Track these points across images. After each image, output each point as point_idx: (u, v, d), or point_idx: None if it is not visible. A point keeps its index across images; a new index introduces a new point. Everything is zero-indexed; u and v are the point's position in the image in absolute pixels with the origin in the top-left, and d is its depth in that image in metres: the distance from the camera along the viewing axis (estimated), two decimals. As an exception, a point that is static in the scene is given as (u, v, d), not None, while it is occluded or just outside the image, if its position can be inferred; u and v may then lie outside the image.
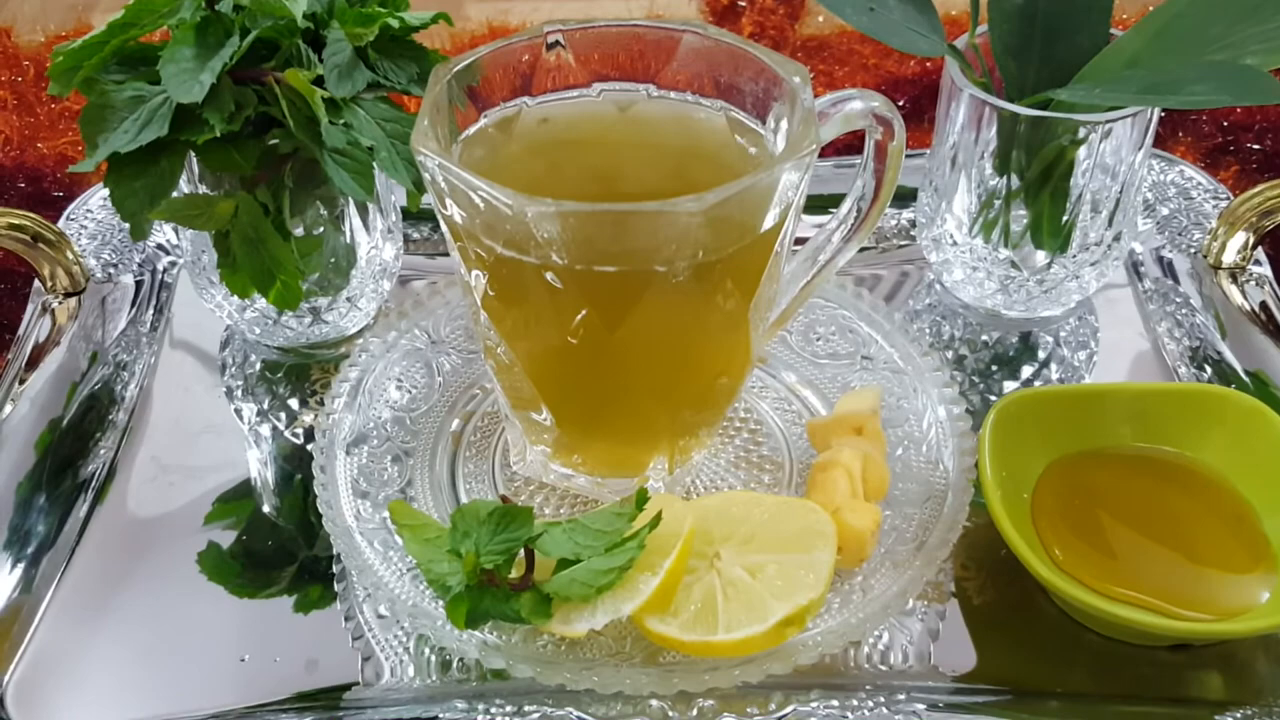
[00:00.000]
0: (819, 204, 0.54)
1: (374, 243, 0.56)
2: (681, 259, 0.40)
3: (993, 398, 0.56)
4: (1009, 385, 0.57)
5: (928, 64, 0.77)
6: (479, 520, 0.42)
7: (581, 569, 0.41)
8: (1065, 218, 0.55)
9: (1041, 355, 0.58)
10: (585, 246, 0.39)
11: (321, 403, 0.51)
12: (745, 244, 0.41)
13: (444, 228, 0.43)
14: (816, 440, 0.50)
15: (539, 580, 0.42)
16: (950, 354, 0.58)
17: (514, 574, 0.42)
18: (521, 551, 0.42)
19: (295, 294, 0.50)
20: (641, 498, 0.43)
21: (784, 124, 0.43)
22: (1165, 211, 0.65)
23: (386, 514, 0.46)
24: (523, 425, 0.48)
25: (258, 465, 0.54)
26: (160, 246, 0.64)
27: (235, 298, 0.52)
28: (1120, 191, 0.54)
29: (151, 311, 0.61)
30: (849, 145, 0.69)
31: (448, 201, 0.41)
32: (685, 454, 0.49)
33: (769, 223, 0.41)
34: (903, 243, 0.64)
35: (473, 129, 0.45)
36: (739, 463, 0.51)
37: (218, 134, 0.46)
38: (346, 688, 0.44)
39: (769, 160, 0.44)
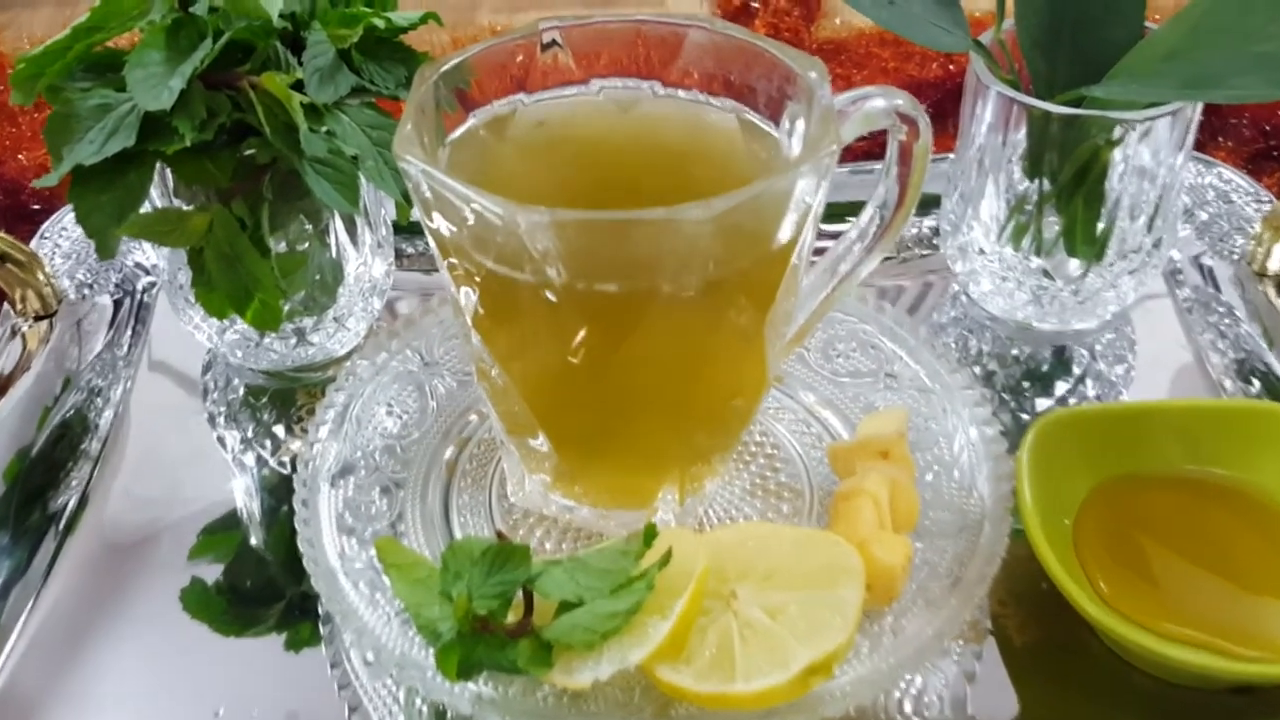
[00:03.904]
0: (835, 211, 0.51)
1: (362, 259, 0.53)
2: (690, 272, 0.36)
3: (1025, 417, 0.52)
4: (1042, 403, 0.53)
5: (950, 67, 0.74)
6: (472, 559, 0.39)
7: (584, 613, 0.37)
8: (1101, 223, 0.51)
9: (1076, 371, 0.54)
10: (584, 260, 0.36)
11: (307, 430, 0.48)
12: (759, 256, 0.38)
13: (431, 242, 0.39)
14: (839, 466, 0.46)
15: (538, 625, 0.38)
16: (978, 370, 0.54)
17: (511, 619, 0.38)
18: (519, 593, 0.39)
19: (275, 314, 0.46)
20: (650, 533, 0.39)
21: (800, 124, 0.40)
22: (1204, 216, 0.61)
23: (373, 552, 0.43)
24: (519, 452, 0.45)
25: (241, 497, 0.51)
26: (139, 266, 0.61)
27: (214, 319, 0.49)
28: (1160, 195, 0.51)
29: (129, 334, 0.58)
30: (867, 151, 0.66)
31: (434, 213, 0.37)
32: (697, 482, 0.45)
33: (785, 232, 0.37)
34: (924, 252, 0.61)
35: (460, 131, 0.41)
36: (755, 491, 0.48)
37: (188, 143, 0.43)
38: (331, 743, 0.41)
39: (784, 164, 0.40)
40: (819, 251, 0.44)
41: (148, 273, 0.61)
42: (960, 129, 0.54)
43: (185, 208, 0.46)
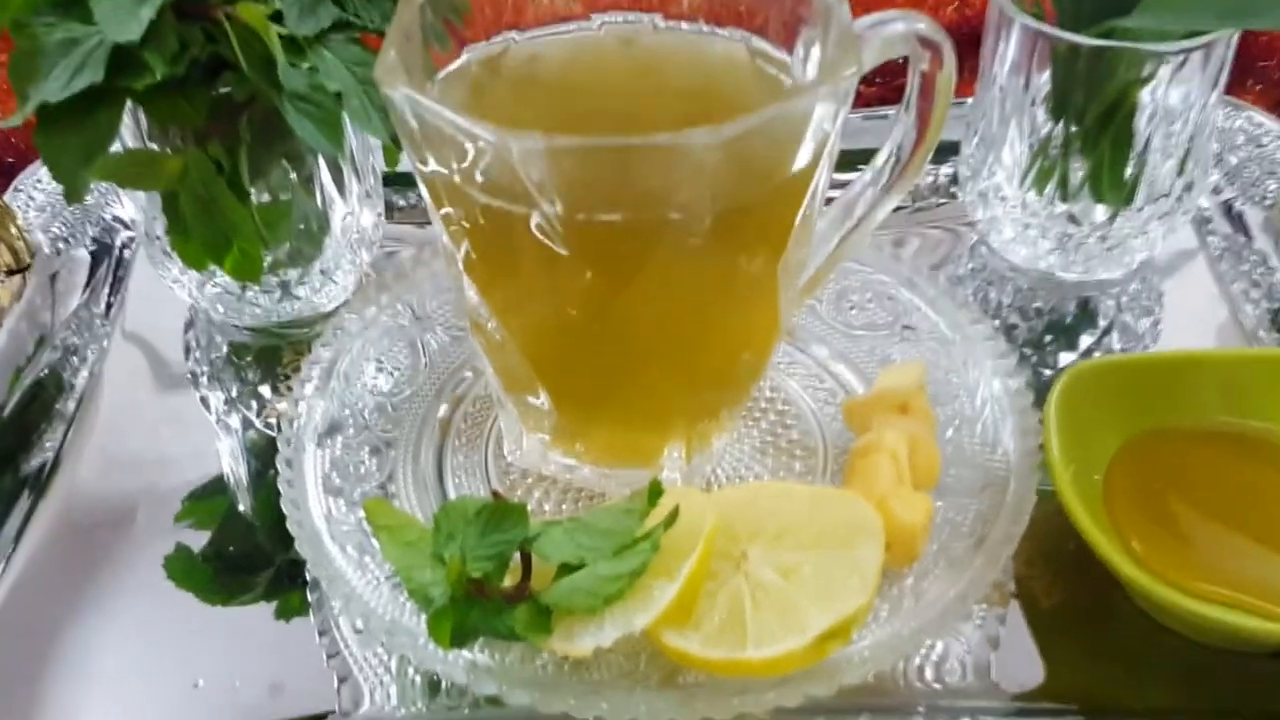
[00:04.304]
0: (847, 160, 0.48)
1: (350, 208, 0.50)
2: (697, 210, 0.34)
3: (1047, 371, 0.50)
4: (1065, 357, 0.51)
5: (966, 10, 0.71)
6: (466, 519, 0.36)
7: (586, 576, 0.35)
8: (1129, 166, 0.48)
9: (1102, 323, 0.52)
10: (583, 193, 0.33)
11: (291, 389, 0.45)
12: (773, 189, 0.35)
13: (421, 187, 0.37)
14: (855, 421, 0.44)
15: (536, 590, 0.36)
16: (998, 323, 0.52)
17: (507, 582, 0.36)
18: (516, 556, 0.36)
19: (255, 263, 0.44)
20: (655, 491, 0.37)
21: (815, 51, 0.37)
22: (1234, 160, 0.58)
23: (362, 514, 0.40)
24: (517, 410, 0.43)
25: (226, 460, 0.48)
26: (118, 220, 0.58)
27: (194, 271, 0.46)
28: (1192, 135, 0.48)
29: (107, 290, 0.55)
30: (881, 96, 0.63)
31: (423, 150, 0.34)
32: (704, 440, 0.43)
33: (800, 165, 0.35)
34: (941, 201, 0.58)
35: (452, 67, 0.39)
36: (765, 449, 0.45)
37: (159, 78, 0.40)
38: (321, 718, 0.39)
39: (800, 88, 0.37)
40: (831, 203, 0.42)
41: (126, 227, 0.58)
42: (980, 70, 0.51)
43: (157, 150, 0.44)
